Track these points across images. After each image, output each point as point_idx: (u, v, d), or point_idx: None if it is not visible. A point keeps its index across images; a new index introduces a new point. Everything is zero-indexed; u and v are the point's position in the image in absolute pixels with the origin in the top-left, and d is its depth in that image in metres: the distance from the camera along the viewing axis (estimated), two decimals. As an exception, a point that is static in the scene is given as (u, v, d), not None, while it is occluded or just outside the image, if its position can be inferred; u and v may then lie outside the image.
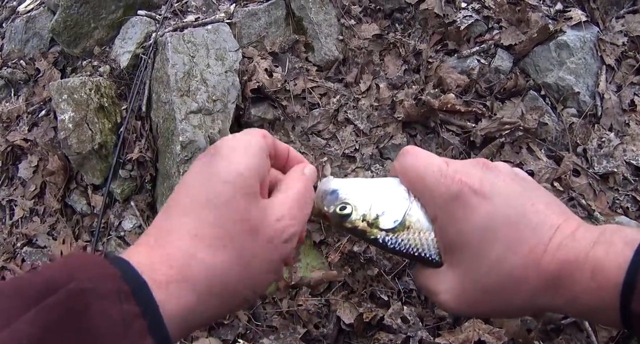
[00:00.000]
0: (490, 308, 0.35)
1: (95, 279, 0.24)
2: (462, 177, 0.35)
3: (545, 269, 0.32)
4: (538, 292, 0.33)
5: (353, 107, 1.45)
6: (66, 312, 0.23)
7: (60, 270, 0.25)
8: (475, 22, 1.50)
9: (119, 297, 0.24)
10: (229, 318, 1.33)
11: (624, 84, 1.52)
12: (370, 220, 0.39)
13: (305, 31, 1.52)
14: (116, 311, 0.24)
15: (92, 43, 1.56)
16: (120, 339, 0.23)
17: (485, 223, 0.34)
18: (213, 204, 0.29)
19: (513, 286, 0.33)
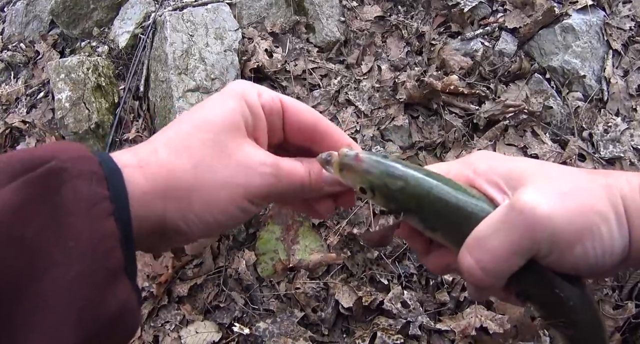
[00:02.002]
0: (577, 201, 0.29)
1: (74, 160, 0.26)
2: None
3: (607, 172, 0.32)
4: (612, 185, 0.30)
5: (354, 89, 1.43)
6: (43, 187, 0.25)
7: (45, 150, 0.26)
8: (479, 5, 1.48)
9: (92, 178, 0.26)
10: (225, 301, 1.31)
11: (631, 69, 1.49)
12: (413, 165, 0.34)
13: (306, 12, 1.50)
14: (86, 191, 0.26)
15: (91, 24, 1.55)
16: (84, 217, 0.25)
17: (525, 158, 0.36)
18: (194, 124, 0.32)
19: (587, 181, 0.31)
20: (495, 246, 0.29)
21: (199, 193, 0.30)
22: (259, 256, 1.31)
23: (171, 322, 1.30)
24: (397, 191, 0.32)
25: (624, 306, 1.22)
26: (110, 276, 0.26)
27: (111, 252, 0.26)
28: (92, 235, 0.25)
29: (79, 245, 0.25)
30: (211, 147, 0.31)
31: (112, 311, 0.26)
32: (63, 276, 0.24)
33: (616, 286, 1.27)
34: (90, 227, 0.25)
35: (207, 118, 0.32)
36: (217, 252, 1.34)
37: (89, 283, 0.25)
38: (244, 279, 1.29)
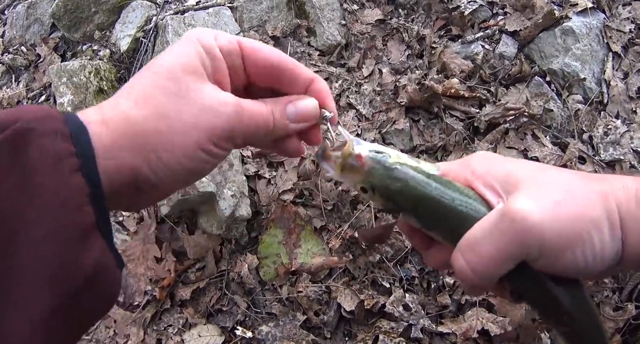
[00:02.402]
0: (570, 209, 0.30)
1: (39, 120, 0.26)
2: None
3: (604, 177, 0.33)
4: (607, 193, 0.31)
5: (355, 92, 1.43)
6: (10, 149, 0.25)
7: (9, 113, 0.26)
8: (480, 8, 1.48)
9: (57, 135, 0.26)
10: (228, 304, 1.31)
11: (631, 71, 1.49)
12: (413, 164, 0.34)
13: (307, 15, 1.50)
14: (52, 148, 0.25)
15: (93, 28, 1.55)
16: (51, 174, 0.25)
17: (524, 161, 0.35)
18: (152, 71, 0.32)
19: (582, 186, 0.31)
20: (485, 250, 0.30)
21: (162, 140, 0.30)
22: (261, 259, 1.31)
23: (174, 325, 1.30)
24: (397, 193, 0.34)
25: (624, 308, 1.23)
26: (81, 232, 0.25)
27: (80, 207, 0.26)
28: (60, 191, 0.25)
29: (48, 203, 0.24)
30: (171, 93, 0.31)
31: (86, 270, 0.25)
32: (34, 235, 0.24)
33: (616, 287, 1.27)
34: (57, 183, 0.25)
35: (165, 64, 0.32)
36: (220, 256, 1.34)
37: (60, 240, 0.24)
38: (247, 282, 1.30)
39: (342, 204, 1.32)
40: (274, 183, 1.35)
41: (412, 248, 1.30)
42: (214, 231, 1.31)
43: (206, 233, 1.32)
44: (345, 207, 1.32)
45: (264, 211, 1.35)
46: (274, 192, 1.34)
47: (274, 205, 1.33)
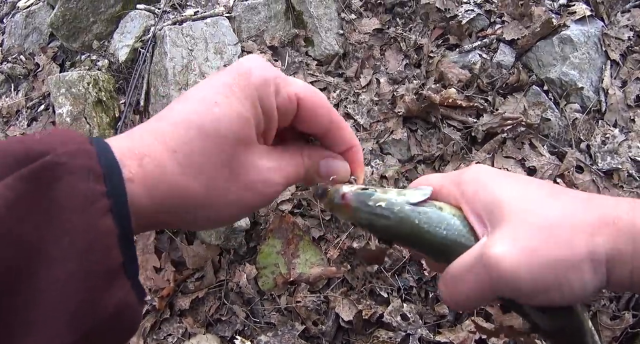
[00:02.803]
0: (550, 251, 0.30)
1: (71, 154, 0.25)
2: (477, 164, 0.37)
3: (598, 208, 0.30)
4: (595, 229, 0.29)
5: (353, 102, 1.43)
6: (38, 182, 0.24)
7: (40, 142, 0.25)
8: (477, 17, 1.49)
9: (89, 174, 0.25)
10: (227, 314, 1.32)
11: (629, 80, 1.49)
12: (397, 198, 0.34)
13: (305, 25, 1.51)
14: (83, 187, 0.25)
15: (91, 37, 1.55)
16: (80, 214, 0.24)
17: (518, 181, 0.33)
18: (204, 132, 0.29)
19: (568, 224, 0.30)
20: (463, 288, 0.32)
21: (206, 211, 0.30)
22: (260, 269, 1.32)
23: (173, 335, 1.31)
24: (382, 229, 0.35)
25: (621, 317, 1.23)
26: (106, 276, 0.25)
27: (108, 250, 0.25)
28: (88, 234, 0.24)
29: (75, 243, 0.24)
30: (222, 167, 0.30)
31: (108, 311, 0.25)
32: (58, 274, 0.24)
33: (613, 296, 1.28)
34: (85, 225, 0.24)
35: (220, 129, 0.29)
36: (218, 266, 1.35)
37: (84, 283, 0.24)
38: (245, 292, 1.31)
39: (340, 215, 1.33)
40: (272, 194, 1.35)
41: (410, 258, 1.30)
42: (212, 241, 1.32)
43: (205, 243, 1.33)
44: (343, 218, 1.33)
45: (263, 222, 1.35)
46: (272, 202, 1.34)
47: (273, 215, 1.33)
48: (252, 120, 0.30)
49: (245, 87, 0.30)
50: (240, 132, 0.30)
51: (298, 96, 0.32)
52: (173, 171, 0.28)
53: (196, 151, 0.29)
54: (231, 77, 0.31)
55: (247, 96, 0.30)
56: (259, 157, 0.31)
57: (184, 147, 0.29)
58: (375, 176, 1.33)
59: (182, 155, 0.29)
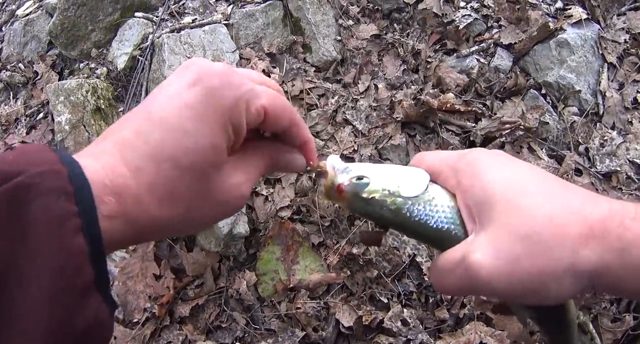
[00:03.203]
0: (531, 263, 0.30)
1: (43, 175, 0.26)
2: (479, 148, 0.37)
3: (588, 216, 0.30)
4: (582, 241, 0.29)
5: (351, 108, 1.44)
6: (10, 204, 0.24)
7: (12, 163, 0.26)
8: (474, 21, 1.49)
9: (60, 195, 0.26)
10: (227, 321, 1.32)
11: (627, 82, 1.50)
12: (391, 189, 0.35)
13: (303, 32, 1.51)
14: (55, 207, 0.25)
15: (90, 45, 1.55)
16: (53, 234, 0.25)
17: (514, 175, 0.33)
18: (177, 164, 0.29)
19: (554, 233, 0.30)
20: (447, 282, 0.34)
21: (179, 231, 0.34)
22: (260, 276, 1.32)
23: (173, 342, 1.31)
24: (377, 219, 0.37)
25: (622, 319, 1.23)
26: (79, 293, 0.26)
27: (80, 269, 0.26)
28: (61, 252, 0.25)
29: (48, 262, 0.25)
30: (198, 193, 0.31)
31: (81, 328, 0.26)
32: (33, 293, 0.24)
33: (614, 299, 1.28)
34: (59, 244, 0.25)
35: (194, 162, 0.30)
36: (218, 273, 1.35)
37: (59, 300, 0.25)
38: (245, 299, 1.31)
39: (339, 221, 1.33)
40: (271, 200, 1.35)
41: (410, 263, 1.30)
42: (212, 248, 1.32)
43: (204, 250, 1.33)
44: (342, 224, 1.33)
45: (262, 228, 1.35)
46: (271, 209, 1.34)
47: (272, 222, 1.34)
48: (223, 146, 0.31)
49: (215, 112, 0.30)
50: (212, 160, 0.30)
51: (265, 108, 0.33)
52: (151, 206, 0.29)
53: (171, 183, 0.30)
54: (198, 99, 0.30)
55: (217, 122, 0.30)
56: (230, 174, 0.33)
57: (158, 181, 0.29)
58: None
59: (158, 188, 0.29)
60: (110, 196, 0.28)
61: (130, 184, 0.29)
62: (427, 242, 0.37)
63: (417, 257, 1.29)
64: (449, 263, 0.33)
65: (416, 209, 0.35)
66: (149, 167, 0.29)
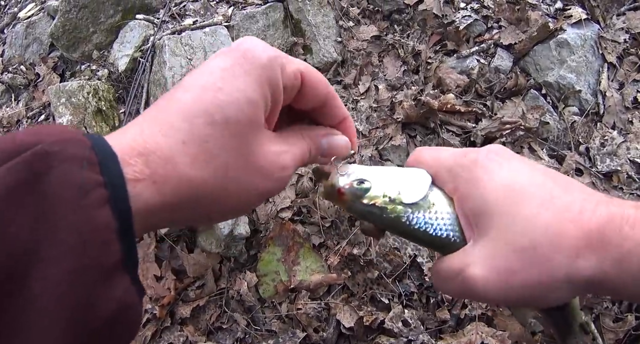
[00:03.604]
0: (527, 275, 0.30)
1: (64, 142, 0.23)
2: (477, 149, 0.35)
3: (586, 224, 0.29)
4: (579, 250, 0.29)
5: (352, 109, 1.44)
6: (28, 173, 0.22)
7: (29, 134, 0.23)
8: (474, 22, 1.49)
9: (83, 163, 0.23)
10: (228, 322, 1.32)
11: (627, 82, 1.50)
12: (392, 195, 0.35)
13: (303, 33, 1.51)
14: (77, 177, 0.23)
15: (91, 47, 1.56)
16: (75, 206, 0.22)
17: (511, 181, 0.32)
18: (212, 119, 0.27)
19: (550, 243, 0.29)
20: (447, 289, 0.35)
21: (218, 203, 0.29)
22: (260, 277, 1.32)
23: (174, 343, 1.31)
24: (376, 222, 0.37)
25: (624, 319, 1.23)
26: (105, 273, 0.23)
27: (106, 246, 0.23)
28: (84, 228, 0.22)
29: (69, 240, 0.22)
30: (233, 152, 0.28)
31: (107, 312, 0.23)
32: (52, 275, 0.22)
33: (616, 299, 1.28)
34: (81, 219, 0.22)
35: (229, 116, 0.28)
36: (219, 274, 1.35)
37: (81, 282, 0.22)
38: (246, 300, 1.31)
39: (340, 221, 1.33)
40: (272, 201, 1.35)
41: (411, 264, 1.30)
42: (213, 249, 1.32)
43: (205, 251, 1.33)
44: (343, 224, 1.33)
45: (263, 229, 1.36)
46: (272, 210, 1.34)
47: (273, 223, 1.34)
48: (260, 103, 0.29)
49: (250, 69, 0.28)
50: (249, 117, 0.28)
51: (302, 72, 0.31)
52: (184, 164, 0.27)
53: (206, 140, 0.27)
54: (232, 60, 0.29)
55: (254, 78, 0.28)
56: (268, 141, 0.30)
57: (192, 137, 0.27)
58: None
59: (192, 146, 0.27)
60: (137, 157, 0.26)
61: (160, 143, 0.27)
62: (427, 247, 0.38)
63: (418, 257, 1.29)
64: (448, 272, 0.34)
65: (416, 217, 0.35)
66: (181, 124, 0.27)
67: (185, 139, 0.27)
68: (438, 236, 0.35)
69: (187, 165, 0.27)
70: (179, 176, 0.27)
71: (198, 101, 0.27)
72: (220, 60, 0.29)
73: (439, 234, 0.35)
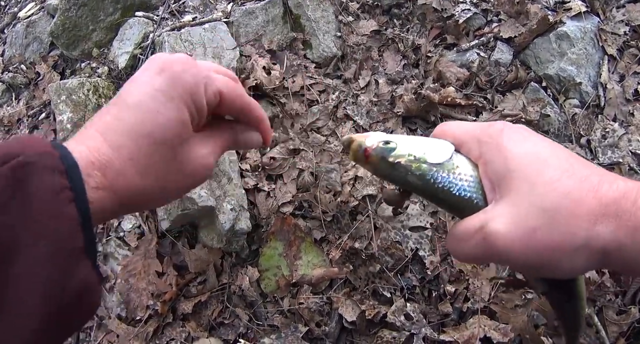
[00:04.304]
0: (549, 236, 0.31)
1: (39, 155, 0.30)
2: (503, 121, 0.37)
3: (604, 195, 0.31)
4: (597, 218, 0.30)
5: (352, 103, 1.44)
6: (14, 178, 0.28)
7: (12, 146, 0.30)
8: (474, 16, 1.49)
9: (54, 171, 0.30)
10: (230, 317, 1.32)
11: (627, 74, 1.50)
12: (417, 155, 0.37)
13: (303, 28, 1.51)
14: (51, 181, 0.29)
15: (91, 45, 1.56)
16: (50, 203, 0.29)
17: (535, 150, 0.34)
18: (153, 139, 0.35)
19: (570, 207, 0.31)
20: (464, 251, 0.35)
21: (157, 199, 0.38)
22: (262, 272, 1.32)
23: (176, 339, 1.31)
24: (400, 183, 0.38)
25: (628, 311, 1.22)
26: (73, 256, 0.29)
27: (73, 234, 0.29)
28: (57, 219, 0.29)
29: (46, 228, 0.28)
30: (171, 164, 0.36)
31: (74, 289, 0.29)
32: (32, 257, 0.27)
33: (619, 291, 1.27)
34: (55, 212, 0.29)
35: (166, 136, 0.35)
36: (221, 270, 1.35)
37: (55, 262, 0.28)
38: (248, 295, 1.30)
39: (341, 215, 1.33)
40: (273, 196, 1.35)
41: (413, 257, 1.30)
42: (214, 244, 1.32)
43: (207, 247, 1.33)
44: (344, 218, 1.33)
45: (264, 224, 1.35)
46: (273, 204, 1.34)
47: (274, 218, 1.34)
48: (189, 121, 0.36)
49: (182, 93, 0.35)
50: (180, 134, 0.36)
51: (221, 91, 0.38)
52: (132, 176, 0.34)
53: (149, 156, 0.35)
54: (165, 83, 0.35)
55: (183, 101, 0.35)
56: (196, 146, 0.38)
57: (138, 155, 0.34)
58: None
59: (138, 162, 0.34)
60: (97, 171, 0.33)
61: (113, 160, 0.34)
62: (448, 209, 0.38)
63: (420, 251, 1.29)
64: (467, 230, 0.34)
65: (440, 176, 0.36)
66: (128, 143, 0.34)
67: (132, 156, 0.34)
68: (461, 196, 0.35)
69: (135, 176, 0.34)
70: (129, 185, 0.34)
71: (141, 123, 0.34)
72: (156, 81, 0.35)
73: (461, 194, 0.35)
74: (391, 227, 1.31)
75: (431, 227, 1.31)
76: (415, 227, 1.31)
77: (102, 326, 1.35)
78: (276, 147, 1.40)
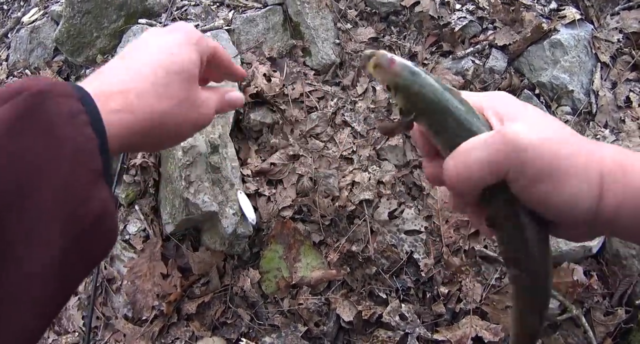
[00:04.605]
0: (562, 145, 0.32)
1: (52, 85, 0.31)
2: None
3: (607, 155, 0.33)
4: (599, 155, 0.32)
5: (350, 110, 1.48)
6: (30, 104, 0.29)
7: (24, 82, 0.31)
8: (470, 23, 1.52)
9: (68, 97, 0.31)
10: (232, 317, 1.37)
11: (619, 81, 1.53)
12: (434, 78, 0.38)
13: (302, 36, 1.55)
14: (66, 106, 0.30)
15: (95, 52, 1.60)
16: (68, 125, 0.30)
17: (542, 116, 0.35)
18: (168, 70, 0.39)
19: (577, 143, 0.33)
20: (473, 157, 0.33)
21: (170, 130, 0.40)
22: (263, 274, 1.37)
23: (181, 338, 1.36)
24: (415, 94, 0.38)
25: (614, 313, 1.27)
26: (93, 177, 0.30)
27: (93, 155, 0.30)
28: (77, 140, 0.29)
29: (67, 149, 0.29)
30: (185, 95, 0.40)
31: (94, 211, 0.30)
32: (55, 178, 0.28)
33: (606, 293, 1.32)
34: (74, 134, 0.29)
35: (182, 69, 0.40)
36: (223, 272, 1.40)
37: (77, 182, 0.29)
38: (249, 296, 1.36)
39: (339, 219, 1.37)
40: (273, 200, 1.40)
41: (408, 260, 1.35)
42: (217, 247, 1.36)
43: (210, 250, 1.38)
44: (342, 222, 1.37)
45: (265, 228, 1.40)
46: (273, 209, 1.39)
47: (274, 221, 1.38)
48: (197, 63, 0.41)
49: (192, 43, 0.41)
50: (191, 71, 0.41)
51: (215, 48, 0.45)
52: (152, 98, 0.37)
53: (166, 85, 0.38)
54: (178, 35, 0.41)
55: (194, 49, 0.41)
56: (200, 91, 0.43)
57: (158, 80, 0.38)
58: (372, 181, 1.38)
59: (157, 87, 0.38)
60: (117, 94, 0.35)
61: (135, 82, 0.37)
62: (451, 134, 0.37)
63: (415, 254, 1.34)
64: (479, 139, 0.34)
65: (452, 97, 0.37)
66: (148, 71, 0.38)
67: (153, 81, 0.38)
68: (469, 120, 0.35)
69: (154, 99, 0.37)
70: (149, 107, 0.37)
71: (158, 59, 0.39)
72: (175, 37, 0.41)
73: (469, 118, 0.36)
74: (387, 231, 1.36)
75: (425, 231, 1.36)
76: (410, 231, 1.36)
77: (109, 325, 1.41)
78: (276, 153, 1.44)
